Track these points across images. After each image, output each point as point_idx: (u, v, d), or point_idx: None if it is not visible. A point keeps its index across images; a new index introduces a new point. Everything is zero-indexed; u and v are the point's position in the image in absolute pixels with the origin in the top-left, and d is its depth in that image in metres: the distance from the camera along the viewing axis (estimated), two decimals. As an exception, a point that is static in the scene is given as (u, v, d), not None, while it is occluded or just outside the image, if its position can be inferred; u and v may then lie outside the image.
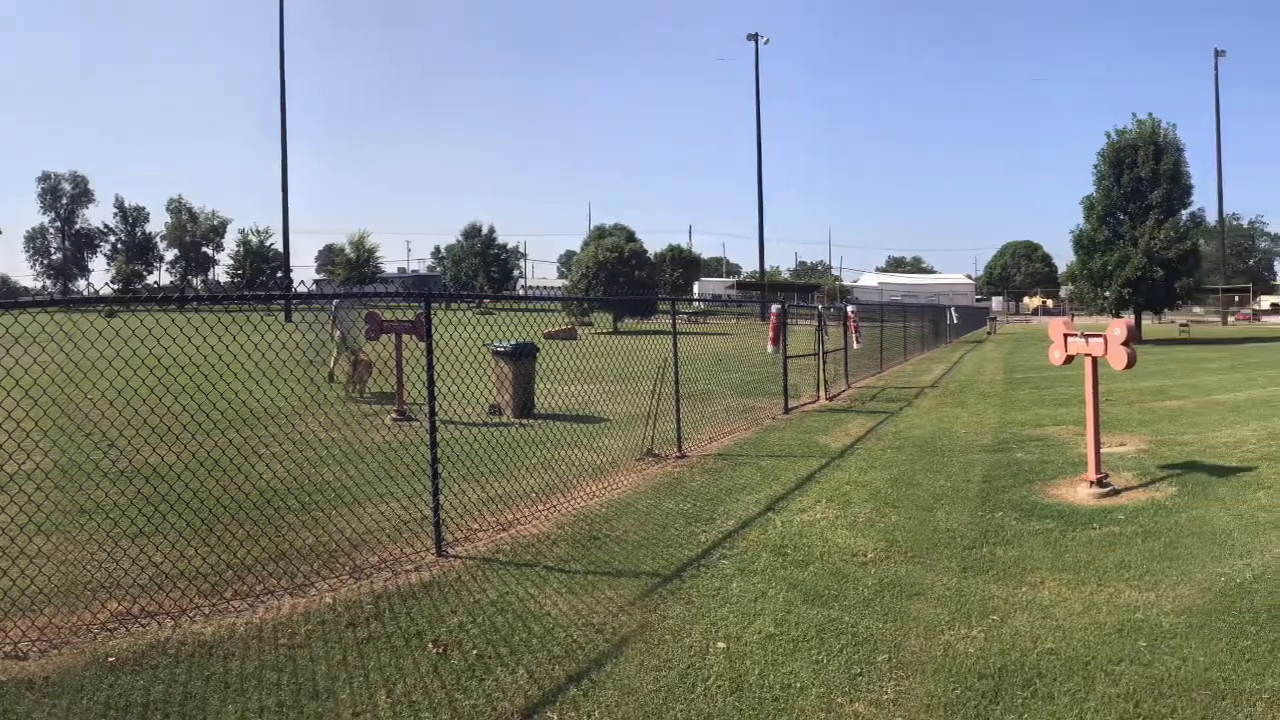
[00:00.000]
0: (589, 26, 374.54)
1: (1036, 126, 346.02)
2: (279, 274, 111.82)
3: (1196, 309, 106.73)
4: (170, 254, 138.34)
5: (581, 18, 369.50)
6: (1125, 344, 11.38)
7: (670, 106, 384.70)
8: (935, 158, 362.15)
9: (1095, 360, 11.92)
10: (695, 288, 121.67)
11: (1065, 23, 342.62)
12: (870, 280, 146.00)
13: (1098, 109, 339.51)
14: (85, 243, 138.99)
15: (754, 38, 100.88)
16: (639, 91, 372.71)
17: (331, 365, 22.69)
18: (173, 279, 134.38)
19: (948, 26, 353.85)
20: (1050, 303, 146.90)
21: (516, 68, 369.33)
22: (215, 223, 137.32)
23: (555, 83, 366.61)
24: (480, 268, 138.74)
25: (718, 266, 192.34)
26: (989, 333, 74.68)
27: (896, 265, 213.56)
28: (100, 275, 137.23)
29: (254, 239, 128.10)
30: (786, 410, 20.18)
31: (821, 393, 22.73)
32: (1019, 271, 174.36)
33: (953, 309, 66.12)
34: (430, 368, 9.52)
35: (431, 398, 9.55)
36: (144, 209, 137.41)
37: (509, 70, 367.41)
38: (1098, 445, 11.84)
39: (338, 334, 22.49)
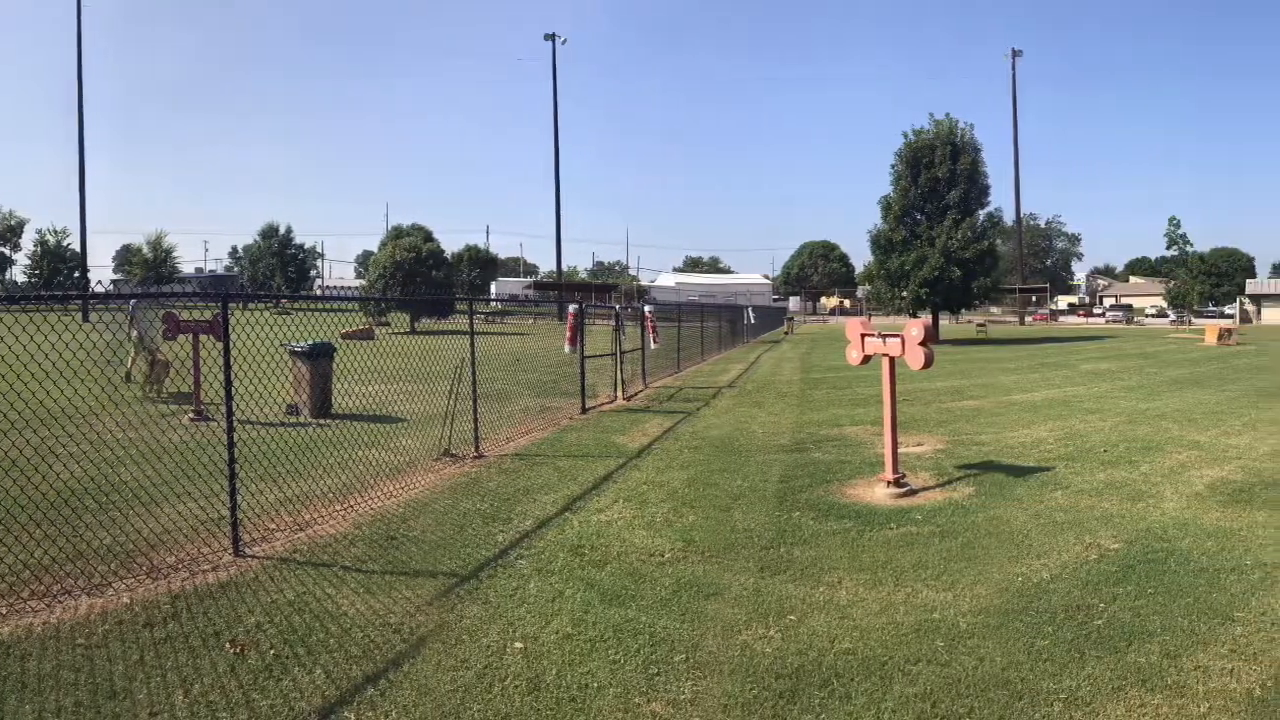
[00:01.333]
0: (386, 26, 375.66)
1: (835, 127, 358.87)
2: (76, 274, 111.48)
3: (994, 309, 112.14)
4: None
5: (378, 17, 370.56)
6: (922, 344, 12.05)
7: (470, 107, 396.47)
8: (733, 158, 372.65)
9: (893, 360, 12.58)
10: (493, 288, 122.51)
11: (866, 22, 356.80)
12: (668, 280, 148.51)
13: (898, 109, 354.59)
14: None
15: (551, 38, 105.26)
16: (438, 91, 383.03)
17: (129, 365, 22.62)
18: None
19: (748, 26, 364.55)
20: (848, 303, 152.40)
21: (315, 67, 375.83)
22: (12, 222, 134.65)
23: (352, 82, 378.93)
24: (277, 268, 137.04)
25: (515, 266, 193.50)
26: (786, 333, 76.84)
27: (694, 265, 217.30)
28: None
29: (51, 239, 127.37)
30: (584, 410, 20.79)
31: (619, 393, 23.45)
32: (816, 271, 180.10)
33: (750, 309, 67.94)
34: (228, 368, 9.73)
35: (229, 398, 9.73)
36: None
37: (307, 70, 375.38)
38: (895, 445, 12.57)
39: (135, 334, 22.27)
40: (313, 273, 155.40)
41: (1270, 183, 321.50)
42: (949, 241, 54.77)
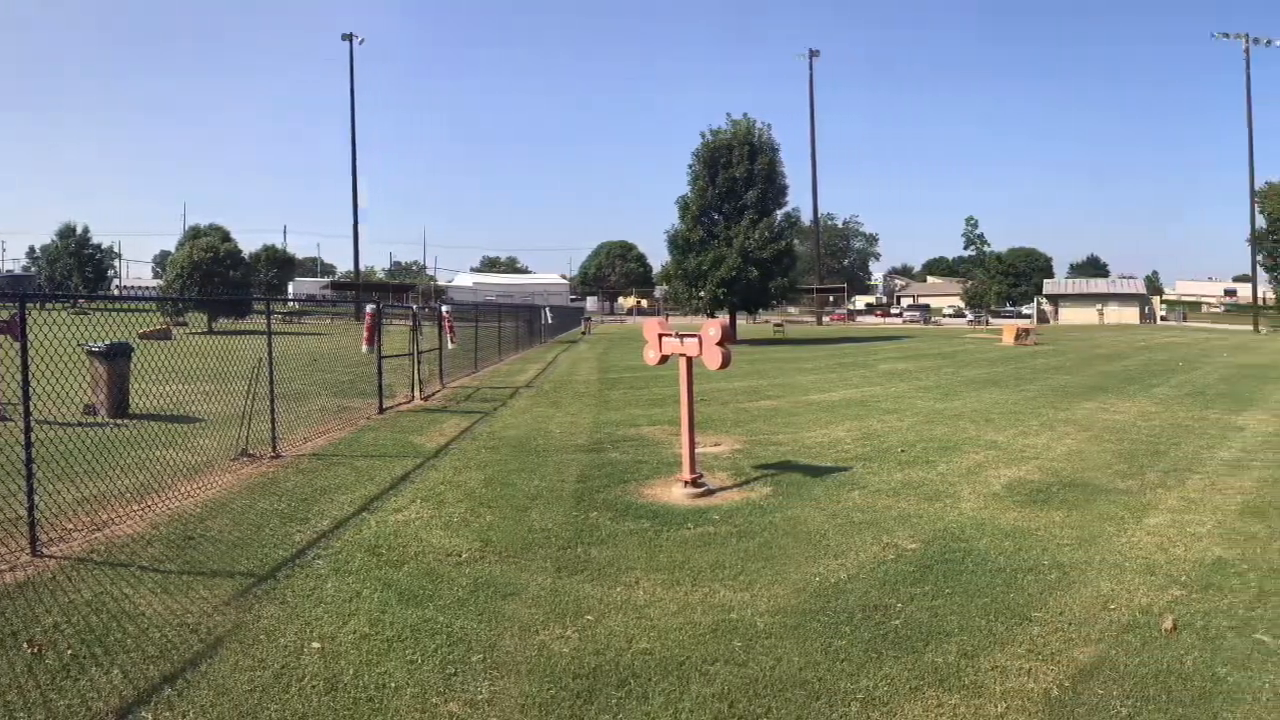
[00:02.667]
0: (183, 25, 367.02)
1: (634, 127, 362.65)
2: None
3: (792, 309, 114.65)
4: None
5: (176, 16, 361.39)
6: (720, 344, 12.23)
7: (268, 106, 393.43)
8: (532, 158, 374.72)
9: (690, 360, 12.74)
10: (290, 288, 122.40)
11: (664, 22, 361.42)
12: (465, 280, 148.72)
13: (698, 109, 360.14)
14: None
15: (349, 38, 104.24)
16: (237, 90, 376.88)
17: None
18: None
19: (548, 26, 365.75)
20: (645, 303, 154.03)
21: (112, 65, 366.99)
22: None
23: (150, 80, 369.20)
24: (75, 268, 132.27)
25: (313, 266, 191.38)
26: (584, 333, 77.31)
27: (492, 265, 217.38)
28: None
29: None
30: (382, 410, 20.68)
31: (417, 393, 23.49)
32: (614, 271, 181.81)
33: (548, 309, 68.23)
34: (25, 368, 9.57)
35: (26, 398, 9.61)
36: None
37: (104, 67, 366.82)
38: (693, 445, 12.72)
39: None
40: (110, 273, 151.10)
41: (1067, 182, 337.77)
42: (746, 241, 55.72)
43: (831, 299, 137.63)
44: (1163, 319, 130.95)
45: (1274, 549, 9.77)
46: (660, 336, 12.95)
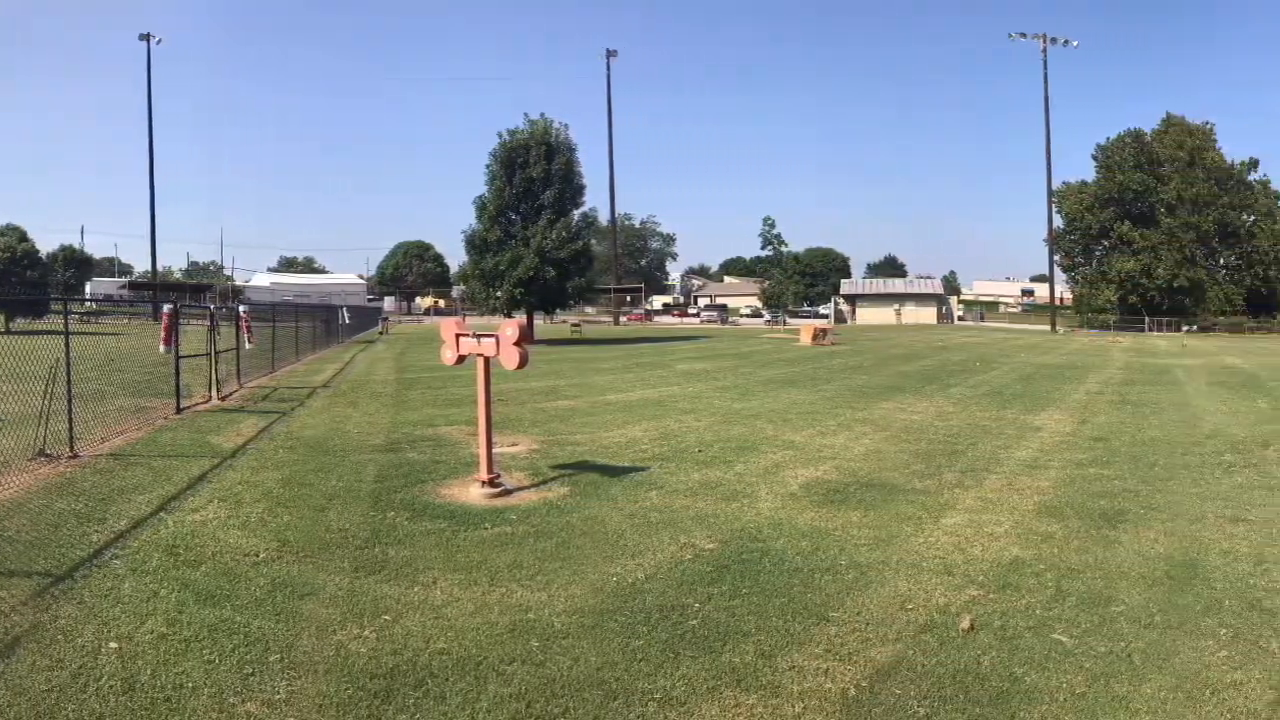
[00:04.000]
0: None
1: (432, 127, 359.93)
2: None
3: (589, 309, 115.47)
4: None
5: None
6: (517, 344, 12.24)
7: (66, 106, 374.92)
8: (330, 158, 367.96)
9: (487, 360, 12.75)
10: (88, 288, 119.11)
11: (463, 21, 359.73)
12: (263, 280, 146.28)
13: (499, 109, 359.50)
14: None
15: (146, 38, 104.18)
16: (33, 90, 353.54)
17: None
18: None
19: (346, 26, 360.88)
20: (443, 303, 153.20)
21: None
22: None
23: None
24: None
25: (111, 267, 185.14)
26: (382, 333, 76.39)
27: (289, 265, 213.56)
28: None
29: None
30: (179, 410, 20.29)
31: (214, 393, 23.08)
32: (412, 272, 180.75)
33: (345, 309, 67.47)
34: None
35: None
36: None
37: None
38: (490, 445, 12.71)
39: None
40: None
41: (865, 182, 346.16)
42: (544, 241, 55.88)
43: (629, 299, 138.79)
44: (960, 319, 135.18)
45: (1071, 549, 10.08)
46: (458, 336, 12.91)
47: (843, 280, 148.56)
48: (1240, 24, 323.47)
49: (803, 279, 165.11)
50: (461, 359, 13.05)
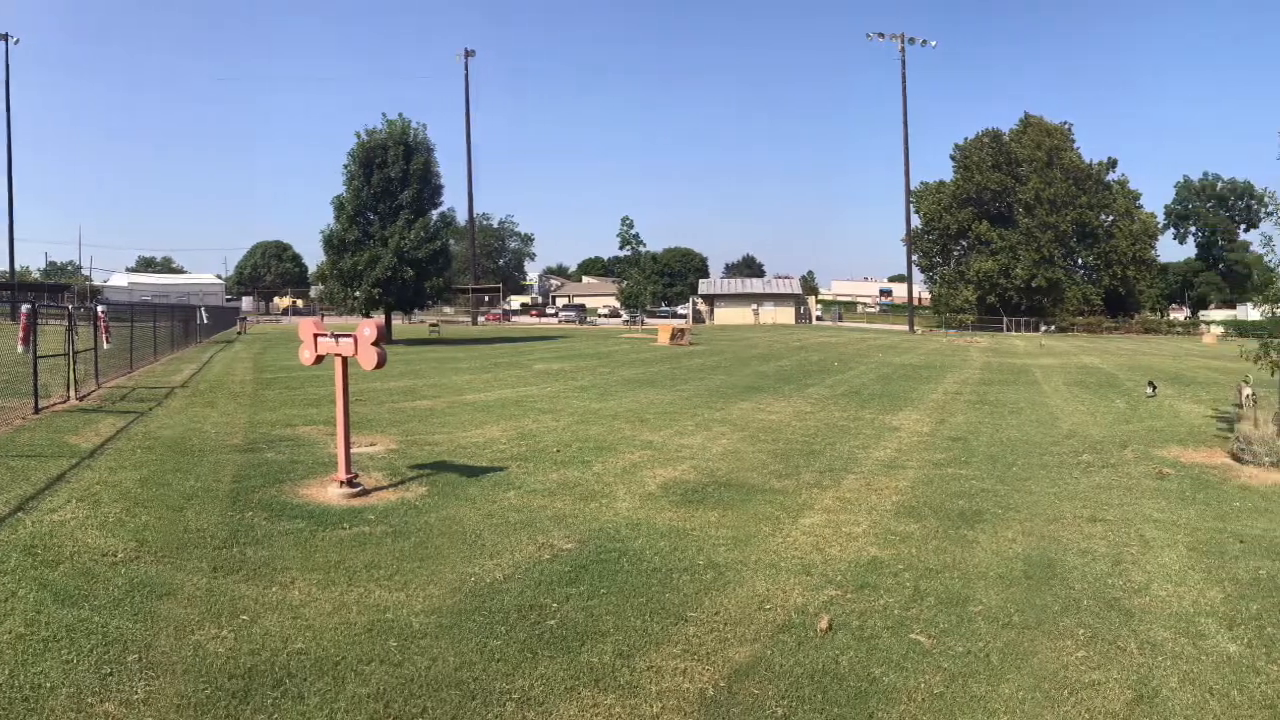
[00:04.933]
0: None
1: (290, 126, 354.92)
2: None
3: (447, 309, 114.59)
4: None
5: None
6: (375, 344, 12.15)
7: None
8: (188, 158, 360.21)
9: (345, 360, 12.61)
10: None
11: (323, 21, 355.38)
12: (121, 280, 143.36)
13: (355, 110, 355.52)
14: None
15: (4, 38, 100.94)
16: None
17: None
18: None
19: (203, 27, 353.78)
20: (301, 303, 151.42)
21: None
22: None
23: None
24: None
25: None
26: (240, 332, 75.08)
27: (148, 265, 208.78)
28: None
29: None
30: (37, 410, 19.76)
31: (72, 392, 22.66)
32: (270, 271, 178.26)
33: (203, 309, 66.48)
34: None
35: None
36: None
37: None
38: (348, 445, 12.56)
39: None
40: None
41: (723, 182, 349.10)
42: (402, 241, 55.39)
43: (487, 299, 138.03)
44: (819, 319, 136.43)
45: (929, 549, 10.22)
46: (316, 336, 12.72)
47: (701, 280, 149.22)
48: (1098, 24, 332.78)
49: (661, 279, 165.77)
50: (319, 359, 12.89)
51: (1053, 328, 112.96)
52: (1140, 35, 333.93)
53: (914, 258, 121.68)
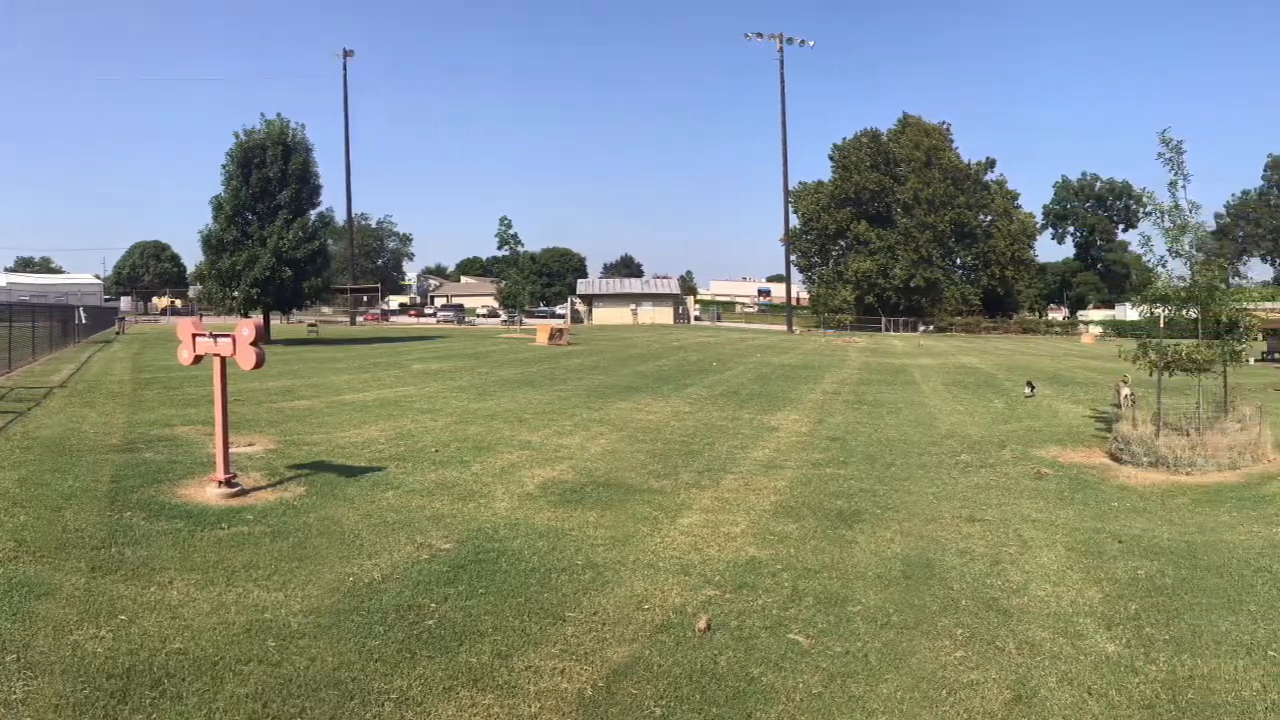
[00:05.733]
0: None
1: (169, 126, 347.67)
2: None
3: (326, 309, 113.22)
4: None
5: None
6: (254, 344, 12.02)
7: None
8: (65, 157, 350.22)
9: (224, 360, 12.45)
10: None
11: (201, 22, 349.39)
12: None
13: (235, 108, 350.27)
14: None
15: None
16: None
17: None
18: None
19: (72, 25, 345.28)
20: (179, 303, 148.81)
21: None
22: None
23: None
24: None
25: None
26: (118, 333, 73.38)
27: (26, 265, 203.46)
28: None
29: None
30: None
31: None
32: (148, 272, 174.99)
33: (82, 309, 64.87)
34: None
35: None
36: None
37: None
38: (226, 445, 12.36)
39: None
40: None
41: (602, 182, 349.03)
42: (280, 241, 54.69)
43: (365, 299, 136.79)
44: (697, 319, 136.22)
45: (808, 549, 10.29)
46: (194, 336, 12.57)
47: (579, 280, 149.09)
48: (976, 23, 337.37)
49: (540, 279, 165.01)
50: (198, 359, 12.70)
51: (931, 328, 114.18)
52: (1018, 35, 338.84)
53: (792, 258, 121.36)
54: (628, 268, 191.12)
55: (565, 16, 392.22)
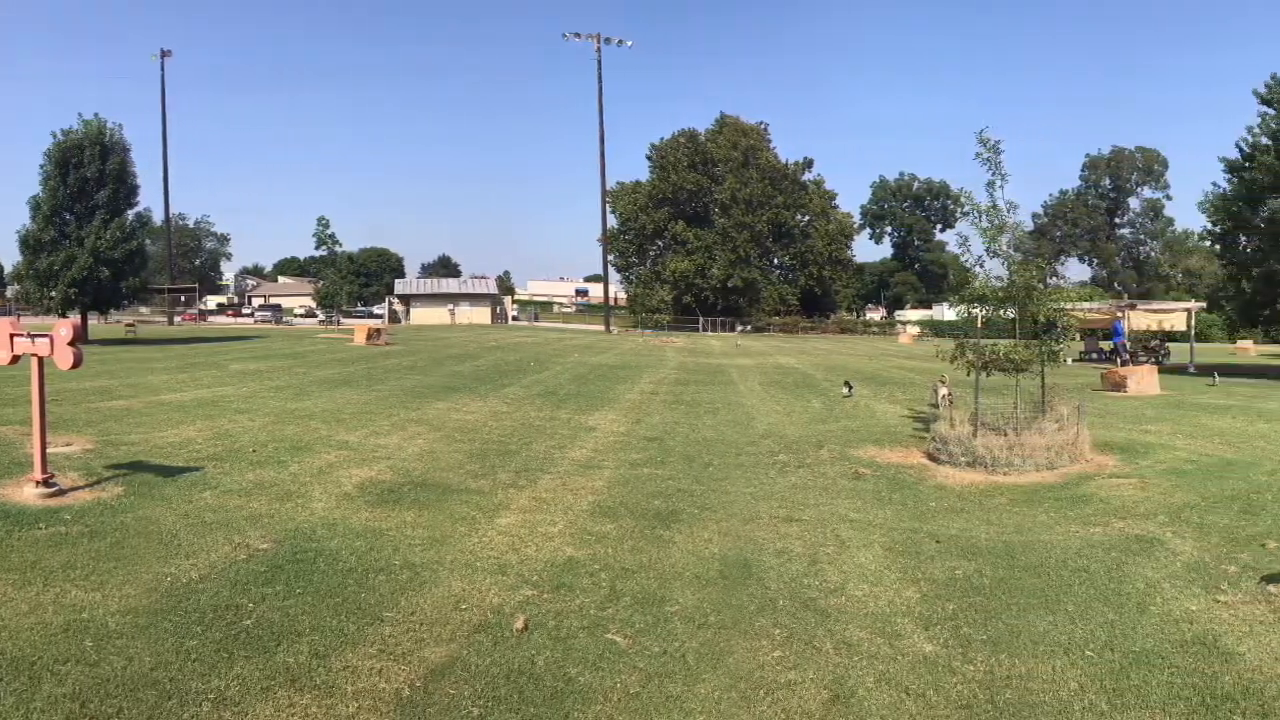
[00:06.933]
0: None
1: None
2: None
3: (144, 309, 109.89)
4: None
5: None
6: (72, 344, 11.65)
7: None
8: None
9: (41, 360, 12.02)
10: None
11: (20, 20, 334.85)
12: None
13: (53, 108, 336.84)
14: None
15: None
16: None
17: None
18: None
19: None
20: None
21: None
22: None
23: None
24: None
25: None
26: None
27: None
28: None
29: None
30: None
31: None
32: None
33: None
34: None
35: None
36: None
37: None
38: (44, 445, 11.91)
39: None
40: None
41: (420, 182, 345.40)
42: (98, 241, 53.10)
43: (184, 299, 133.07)
44: (515, 319, 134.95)
45: (625, 549, 10.26)
46: (11, 336, 12.04)
47: (397, 280, 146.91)
48: (793, 24, 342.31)
49: (357, 279, 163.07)
50: (15, 359, 12.17)
51: (749, 328, 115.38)
52: (835, 36, 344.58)
53: (610, 258, 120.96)
54: (446, 268, 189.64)
55: (386, 16, 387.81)
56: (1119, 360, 43.66)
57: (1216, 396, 28.82)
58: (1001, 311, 17.96)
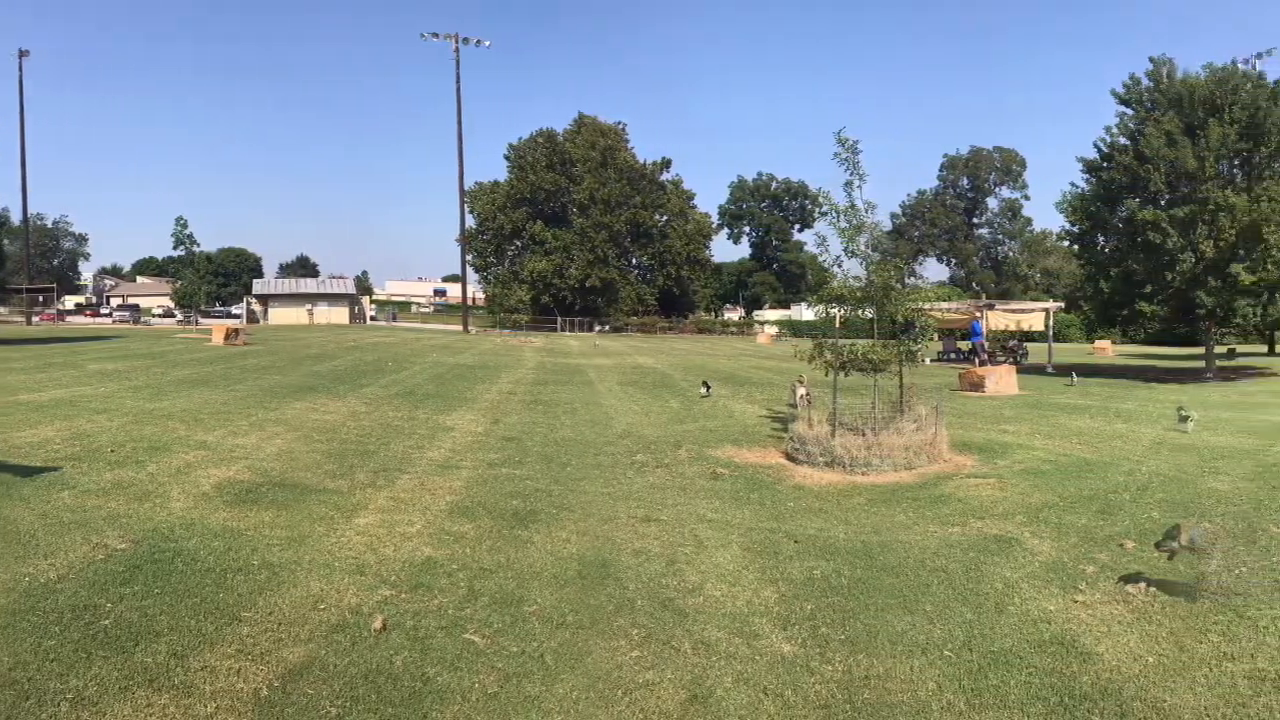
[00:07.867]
0: None
1: None
2: None
3: (1, 309, 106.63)
4: None
5: None
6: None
7: None
8: None
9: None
10: None
11: None
12: None
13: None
14: None
15: None
16: None
17: None
18: None
19: None
20: None
21: None
22: None
23: None
24: None
25: None
26: None
27: None
28: None
29: None
30: None
31: None
32: None
33: None
34: None
35: None
36: None
37: None
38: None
39: None
40: None
41: (276, 183, 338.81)
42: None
43: (41, 299, 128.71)
44: (373, 319, 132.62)
45: (483, 549, 10.15)
46: None
47: (255, 280, 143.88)
48: (651, 25, 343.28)
49: (215, 279, 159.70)
50: None
51: (607, 328, 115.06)
52: (693, 36, 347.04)
53: (468, 258, 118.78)
54: (304, 268, 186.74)
55: (244, 15, 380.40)
56: (977, 360, 43.79)
57: (1074, 396, 29.37)
58: (860, 311, 17.82)
